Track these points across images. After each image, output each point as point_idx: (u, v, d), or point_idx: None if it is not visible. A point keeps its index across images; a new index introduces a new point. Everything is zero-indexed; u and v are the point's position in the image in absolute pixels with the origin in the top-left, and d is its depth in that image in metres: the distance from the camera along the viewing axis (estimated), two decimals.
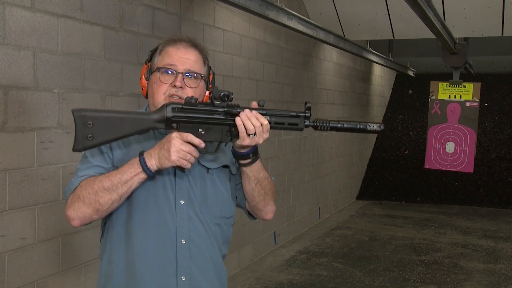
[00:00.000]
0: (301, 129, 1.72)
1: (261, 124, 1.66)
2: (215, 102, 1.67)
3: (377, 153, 11.12)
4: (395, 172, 10.63)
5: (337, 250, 6.48)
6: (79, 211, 1.66)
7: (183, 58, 1.78)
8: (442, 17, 6.01)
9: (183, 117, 1.65)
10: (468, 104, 7.13)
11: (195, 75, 1.79)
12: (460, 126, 7.15)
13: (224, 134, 1.68)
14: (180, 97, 1.75)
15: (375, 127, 1.75)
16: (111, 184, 1.63)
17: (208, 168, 1.80)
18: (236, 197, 1.91)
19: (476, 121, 7.13)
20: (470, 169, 7.18)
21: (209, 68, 1.87)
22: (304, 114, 1.70)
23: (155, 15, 4.02)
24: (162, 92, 1.76)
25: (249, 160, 1.74)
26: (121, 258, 1.74)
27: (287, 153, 6.62)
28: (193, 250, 1.75)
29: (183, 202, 1.75)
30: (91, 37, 3.38)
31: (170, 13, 4.20)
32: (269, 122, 1.68)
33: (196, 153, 1.65)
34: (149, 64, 1.83)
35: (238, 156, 1.74)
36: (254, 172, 1.78)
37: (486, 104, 10.98)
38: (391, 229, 7.71)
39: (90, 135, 1.59)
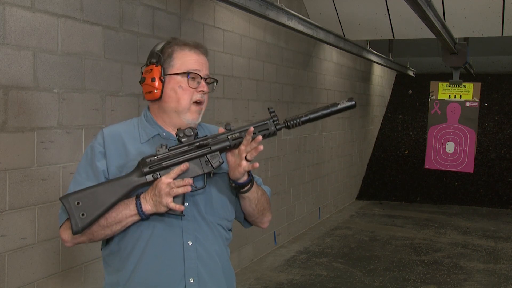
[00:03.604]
0: (275, 133, 1.77)
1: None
2: (183, 140, 1.73)
3: (377, 153, 11.12)
4: (395, 172, 10.63)
5: (337, 250, 6.48)
6: (74, 239, 1.72)
7: (203, 64, 1.83)
8: (442, 17, 6.01)
9: (160, 167, 1.70)
10: (468, 104, 7.13)
11: (211, 81, 1.84)
12: (460, 126, 7.15)
13: (203, 165, 1.73)
14: (202, 103, 1.81)
15: (346, 103, 1.81)
16: (106, 223, 1.68)
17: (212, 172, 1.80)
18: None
19: (476, 121, 7.13)
20: (470, 169, 7.18)
21: None
22: (272, 119, 1.76)
23: (155, 15, 4.02)
24: (189, 97, 1.78)
25: (249, 185, 1.78)
26: (128, 265, 1.74)
27: (287, 153, 6.62)
28: (200, 251, 1.75)
29: (187, 204, 1.75)
30: (91, 37, 3.38)
31: (170, 13, 4.20)
32: (241, 137, 1.73)
33: (187, 182, 1.67)
34: (160, 66, 1.79)
35: (241, 186, 1.77)
36: (254, 194, 1.81)
37: (486, 104, 10.98)
38: (391, 229, 7.71)
39: (82, 213, 1.64)
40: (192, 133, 1.73)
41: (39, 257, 3.06)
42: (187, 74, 1.78)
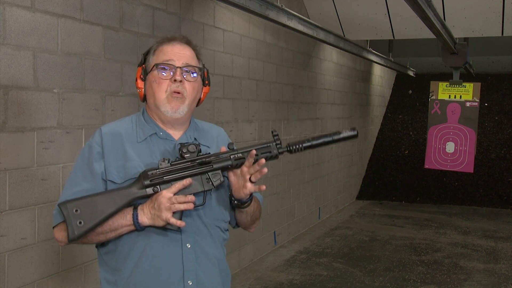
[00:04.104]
0: (277, 157, 1.78)
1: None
2: (186, 155, 1.72)
3: (377, 153, 11.12)
4: (395, 172, 10.63)
5: (337, 250, 6.48)
6: (68, 240, 1.70)
7: (179, 54, 1.79)
8: (442, 17, 6.01)
9: (161, 181, 1.68)
10: (468, 104, 7.13)
11: (192, 69, 1.80)
12: (460, 126, 7.15)
13: (204, 182, 1.72)
14: (180, 93, 1.77)
15: (349, 133, 1.81)
16: (101, 230, 1.68)
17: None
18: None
19: (476, 121, 7.13)
20: (470, 169, 7.18)
21: (203, 65, 1.89)
22: (275, 142, 1.77)
23: (155, 15, 4.02)
24: (164, 89, 1.76)
25: (250, 201, 1.79)
26: (126, 266, 1.73)
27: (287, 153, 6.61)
28: (198, 253, 1.75)
29: None
30: (91, 37, 3.38)
31: (170, 13, 4.20)
32: (244, 158, 1.73)
33: (190, 199, 1.66)
34: (144, 65, 1.82)
35: (242, 203, 1.77)
36: (251, 208, 1.83)
37: (486, 104, 10.98)
38: (391, 229, 7.71)
39: (79, 221, 1.63)
40: (195, 149, 1.73)
41: (39, 257, 3.06)
42: (156, 66, 1.77)
